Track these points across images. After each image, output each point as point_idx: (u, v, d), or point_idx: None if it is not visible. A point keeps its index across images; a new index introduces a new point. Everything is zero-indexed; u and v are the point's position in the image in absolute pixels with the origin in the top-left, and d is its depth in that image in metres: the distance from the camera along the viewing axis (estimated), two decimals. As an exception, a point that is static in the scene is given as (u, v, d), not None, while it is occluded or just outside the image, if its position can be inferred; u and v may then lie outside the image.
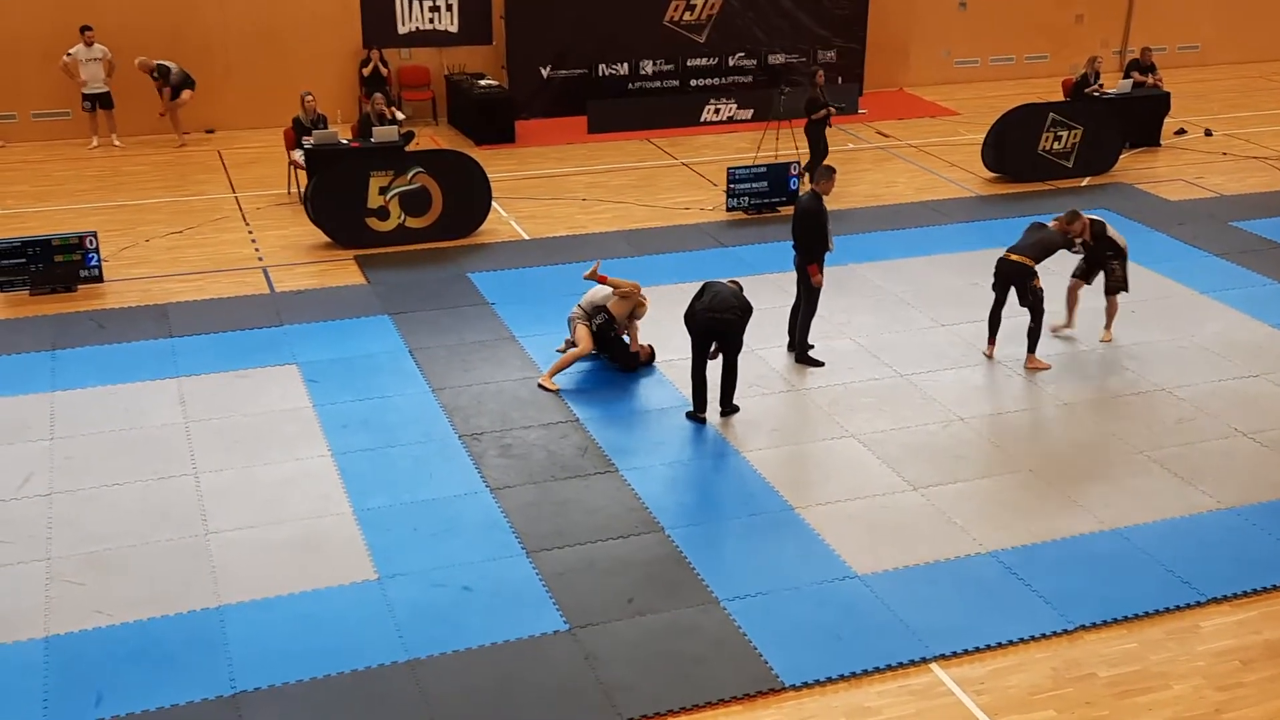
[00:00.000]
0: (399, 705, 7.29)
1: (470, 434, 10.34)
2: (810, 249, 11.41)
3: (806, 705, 7.34)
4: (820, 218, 11.34)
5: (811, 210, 11.36)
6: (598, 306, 11.43)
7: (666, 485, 9.68)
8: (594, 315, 11.40)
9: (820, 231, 11.36)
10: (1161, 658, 7.76)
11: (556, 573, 8.52)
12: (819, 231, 11.35)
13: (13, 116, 18.93)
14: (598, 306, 11.43)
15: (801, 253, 11.49)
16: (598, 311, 11.40)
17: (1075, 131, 17.26)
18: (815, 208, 11.36)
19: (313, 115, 16.20)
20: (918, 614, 8.10)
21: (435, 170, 14.79)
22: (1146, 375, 11.49)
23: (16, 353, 11.81)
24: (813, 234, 11.35)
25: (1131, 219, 15.64)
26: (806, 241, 11.40)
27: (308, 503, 9.35)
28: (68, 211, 15.85)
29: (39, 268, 13.13)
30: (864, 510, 9.32)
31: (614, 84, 20.97)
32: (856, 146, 19.25)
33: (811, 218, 11.34)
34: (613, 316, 11.35)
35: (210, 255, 14.48)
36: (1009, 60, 23.69)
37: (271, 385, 11.19)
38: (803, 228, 11.39)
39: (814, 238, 11.37)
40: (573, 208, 16.26)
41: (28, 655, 7.67)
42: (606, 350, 11.49)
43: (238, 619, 8.02)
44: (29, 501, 9.33)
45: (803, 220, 11.38)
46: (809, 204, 11.39)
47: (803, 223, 11.38)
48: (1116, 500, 9.45)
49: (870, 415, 10.73)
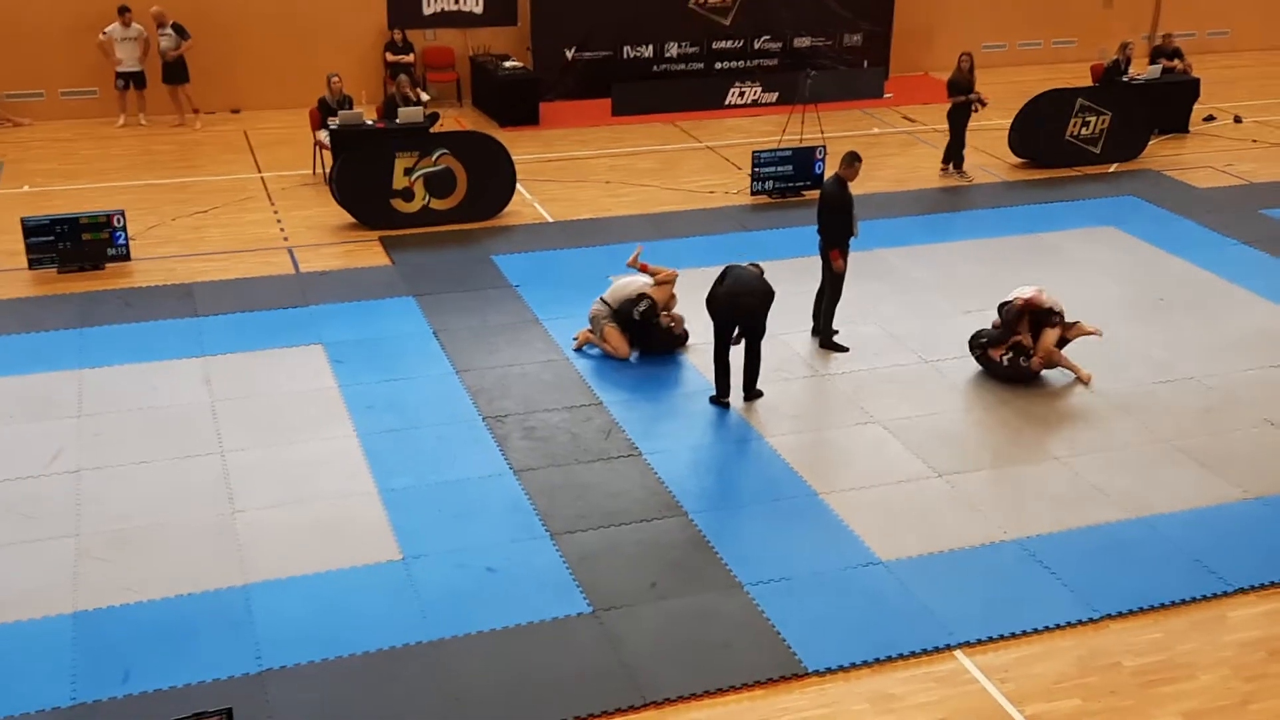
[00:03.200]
0: (423, 685, 7.32)
1: (494, 416, 10.36)
2: (833, 234, 11.38)
3: (829, 691, 7.34)
4: (844, 203, 11.30)
5: (835, 195, 11.34)
6: (637, 296, 11.30)
7: (690, 469, 9.68)
8: (635, 304, 11.23)
9: (844, 217, 11.32)
10: (1188, 648, 7.72)
11: (580, 555, 8.53)
12: (842, 217, 11.32)
13: (41, 95, 19.00)
14: (637, 296, 11.30)
15: (824, 238, 11.46)
16: (635, 302, 11.26)
17: (1103, 117, 17.14)
18: (839, 193, 11.33)
19: (338, 96, 16.22)
20: (942, 601, 8.08)
21: (460, 152, 14.79)
22: (1174, 364, 11.42)
23: (45, 330, 11.88)
24: (836, 219, 11.33)
25: (1160, 206, 15.55)
26: (830, 227, 11.37)
27: (333, 483, 9.38)
28: (95, 190, 15.92)
29: (67, 246, 13.20)
30: (888, 496, 9.30)
31: (639, 66, 20.91)
32: (882, 131, 19.17)
33: (835, 203, 11.32)
34: (655, 302, 11.30)
35: (236, 235, 14.52)
36: (1036, 45, 23.52)
37: (297, 365, 11.22)
38: (826, 213, 11.36)
39: (837, 223, 11.34)
40: (597, 191, 16.24)
41: (56, 631, 7.73)
42: (645, 341, 11.39)
43: (263, 597, 8.06)
44: (57, 478, 9.39)
45: (826, 205, 11.36)
46: (832, 189, 11.38)
47: (826, 208, 11.36)
48: (1143, 489, 9.40)
49: (895, 401, 10.69)
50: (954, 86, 16.36)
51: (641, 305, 11.24)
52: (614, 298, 11.43)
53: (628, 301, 11.33)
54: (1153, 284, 13.19)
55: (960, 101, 16.34)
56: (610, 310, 11.41)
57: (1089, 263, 13.79)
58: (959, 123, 16.55)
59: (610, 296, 11.46)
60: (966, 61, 16.46)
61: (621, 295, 11.41)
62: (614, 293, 11.47)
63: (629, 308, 11.29)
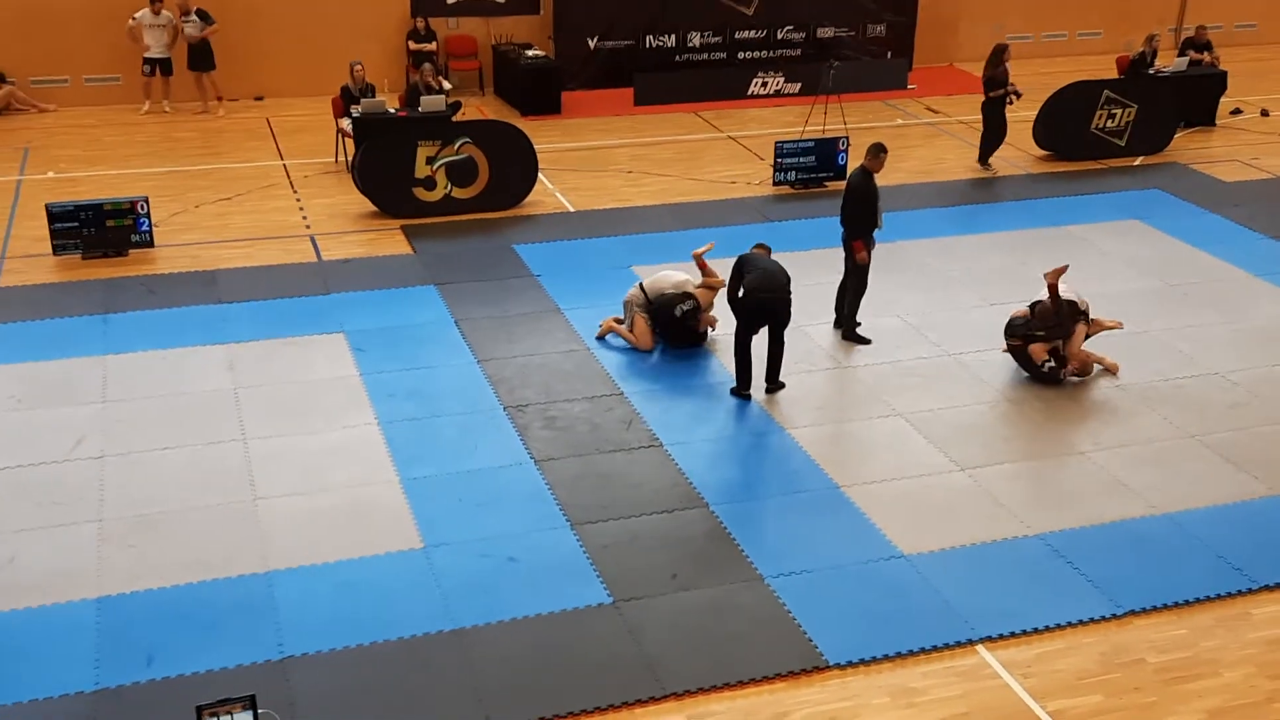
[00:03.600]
0: (443, 673, 7.33)
1: (515, 405, 10.36)
2: (857, 225, 11.34)
3: (850, 684, 7.32)
4: (869, 194, 11.27)
5: (860, 186, 11.29)
6: (682, 294, 11.27)
7: (711, 461, 9.66)
8: (679, 302, 11.20)
9: (868, 208, 11.29)
10: (1212, 645, 7.68)
11: (600, 546, 8.53)
12: (867, 208, 11.29)
13: (66, 81, 19.07)
14: (682, 294, 11.27)
15: (848, 229, 11.42)
16: (680, 299, 11.22)
17: (1129, 110, 17.02)
18: (864, 184, 11.29)
19: (361, 84, 16.23)
20: (964, 595, 8.05)
21: (482, 141, 14.78)
22: (1199, 359, 11.34)
23: (69, 316, 11.93)
24: (860, 211, 11.29)
25: (1185, 199, 15.44)
26: (853, 217, 11.33)
27: (354, 470, 9.40)
28: (119, 176, 15.96)
29: (91, 232, 13.24)
30: (910, 490, 9.27)
31: (661, 56, 20.86)
32: (905, 122, 19.08)
33: (860, 193, 11.27)
34: (700, 305, 11.29)
35: (259, 222, 14.55)
36: (1061, 36, 23.38)
37: (319, 353, 11.24)
38: (851, 203, 11.32)
39: (861, 214, 11.30)
40: (618, 180, 16.21)
41: (80, 615, 7.77)
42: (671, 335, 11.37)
43: (285, 584, 8.08)
44: (81, 464, 9.44)
45: (851, 196, 11.33)
46: (857, 180, 11.34)
47: (851, 198, 11.32)
48: (1167, 485, 9.34)
49: (917, 394, 10.65)
50: (995, 81, 16.16)
51: (686, 305, 11.23)
52: (651, 288, 11.40)
53: (667, 296, 11.28)
54: (1178, 278, 13.09)
55: (999, 95, 16.21)
56: (646, 300, 11.37)
57: (1114, 256, 13.70)
58: (1000, 116, 16.41)
59: (649, 286, 11.43)
60: (1008, 55, 16.33)
61: (660, 288, 11.37)
62: (653, 284, 11.43)
63: (669, 302, 11.25)
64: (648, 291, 11.39)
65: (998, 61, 16.20)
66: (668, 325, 11.32)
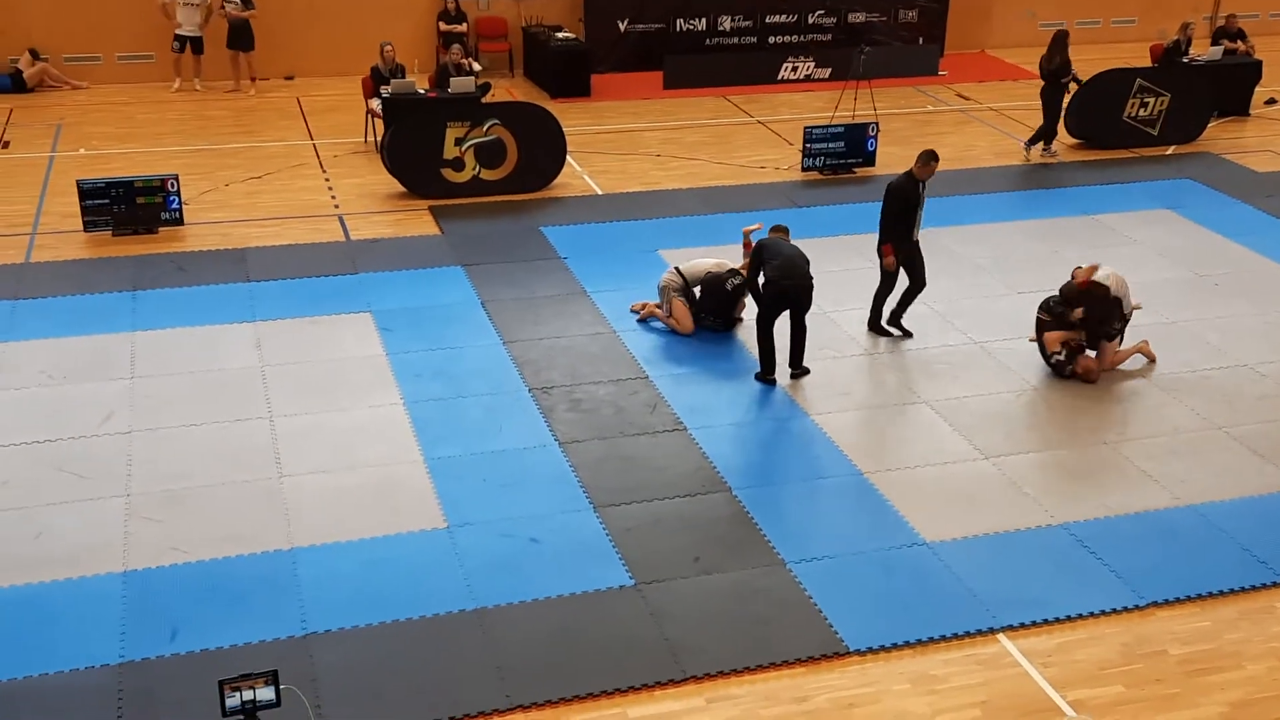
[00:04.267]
0: (465, 652, 7.37)
1: (540, 387, 10.38)
2: (890, 229, 10.97)
3: (871, 671, 7.32)
4: (907, 201, 10.84)
5: (901, 189, 10.88)
6: (728, 271, 11.25)
7: (735, 445, 9.66)
8: (729, 277, 11.20)
9: (904, 215, 10.88)
10: (1235, 637, 7.64)
11: (623, 528, 8.55)
12: (903, 215, 10.88)
13: (98, 59, 19.19)
14: (728, 271, 11.25)
15: (880, 232, 11.08)
16: (727, 275, 11.21)
17: (1162, 99, 16.87)
18: (904, 190, 10.88)
19: (391, 65, 16.27)
20: (986, 584, 8.03)
21: (511, 122, 14.79)
22: (1228, 350, 11.25)
23: (99, 292, 12.02)
24: (895, 215, 10.91)
25: (1217, 189, 15.31)
26: (888, 221, 10.97)
27: (380, 449, 9.45)
28: (150, 154, 16.06)
29: (122, 209, 13.34)
30: (934, 477, 9.25)
31: (691, 39, 20.80)
32: (936, 109, 18.97)
33: (897, 200, 10.87)
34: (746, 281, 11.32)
35: (288, 201, 14.61)
36: (1095, 24, 23.17)
37: (346, 332, 11.30)
38: (888, 208, 10.93)
39: (897, 218, 10.92)
40: (647, 164, 16.19)
41: (106, 588, 7.84)
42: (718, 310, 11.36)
43: (309, 561, 8.14)
44: (110, 439, 9.52)
45: (892, 198, 10.90)
46: (901, 183, 10.92)
47: (893, 200, 10.90)
48: (1194, 476, 9.29)
49: (944, 382, 10.62)
50: (1063, 69, 16.00)
51: (736, 280, 11.24)
52: (690, 272, 11.41)
53: (715, 274, 11.28)
54: (1209, 268, 12.99)
55: (1065, 80, 16.09)
56: (683, 284, 11.38)
57: (1144, 245, 13.60)
58: (1059, 102, 16.29)
59: (688, 271, 11.43)
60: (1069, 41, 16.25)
61: (698, 271, 11.38)
62: (690, 268, 11.44)
63: (718, 279, 11.25)
64: (686, 275, 11.39)
65: (1062, 48, 16.08)
66: (720, 301, 11.30)
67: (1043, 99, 16.37)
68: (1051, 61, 16.07)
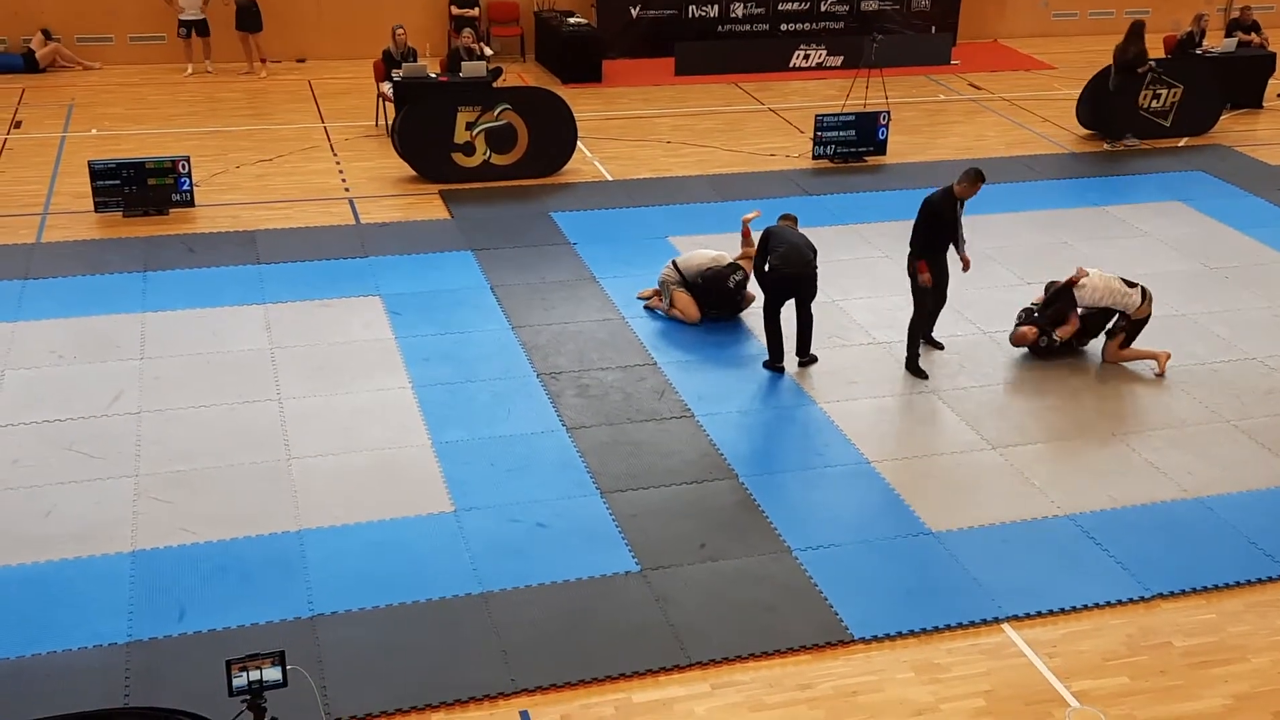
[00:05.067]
0: (471, 635, 7.40)
1: (548, 372, 10.40)
2: (926, 245, 10.38)
3: (875, 659, 7.34)
4: (940, 218, 10.31)
5: (938, 207, 10.31)
6: (729, 265, 11.24)
7: (742, 432, 9.67)
8: (730, 273, 11.19)
9: (943, 232, 10.35)
10: (1240, 630, 7.64)
11: (629, 514, 8.57)
12: (940, 232, 10.36)
13: (110, 39, 19.21)
14: (729, 265, 11.24)
15: (914, 248, 10.48)
16: (729, 271, 11.19)
17: (1175, 90, 16.81)
18: (939, 207, 10.32)
19: (403, 48, 16.26)
20: (991, 573, 8.04)
21: (522, 108, 14.78)
22: (1237, 343, 11.24)
23: (109, 273, 12.05)
24: (931, 231, 10.35)
25: (1229, 181, 15.26)
26: (923, 236, 10.38)
27: (387, 432, 9.48)
28: (161, 135, 16.08)
29: (133, 190, 13.37)
30: (941, 467, 9.25)
31: (703, 26, 20.77)
32: (947, 98, 18.92)
33: (934, 216, 10.32)
34: (748, 275, 11.30)
35: (298, 184, 14.63)
36: (1109, 14, 23.07)
37: (355, 315, 11.32)
38: (924, 223, 10.38)
39: (931, 235, 10.36)
40: (657, 150, 16.18)
41: (115, 567, 7.88)
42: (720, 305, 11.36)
43: (316, 543, 8.17)
44: (118, 419, 9.56)
45: (931, 213, 10.34)
46: (940, 199, 10.34)
47: (931, 215, 10.34)
48: (1201, 468, 9.29)
49: (951, 371, 10.62)
50: (1139, 59, 16.00)
51: (738, 275, 11.22)
52: (686, 266, 11.39)
53: (715, 269, 11.25)
54: (1219, 260, 12.96)
55: (1143, 70, 16.10)
56: (681, 278, 11.38)
57: (1154, 237, 13.57)
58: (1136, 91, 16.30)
59: (683, 265, 11.42)
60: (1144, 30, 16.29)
61: (695, 265, 11.36)
62: (687, 261, 11.42)
63: (720, 275, 11.22)
64: (683, 270, 11.39)
65: (1138, 38, 16.10)
66: (721, 297, 11.30)
67: (1114, 89, 16.35)
68: (1126, 52, 16.11)
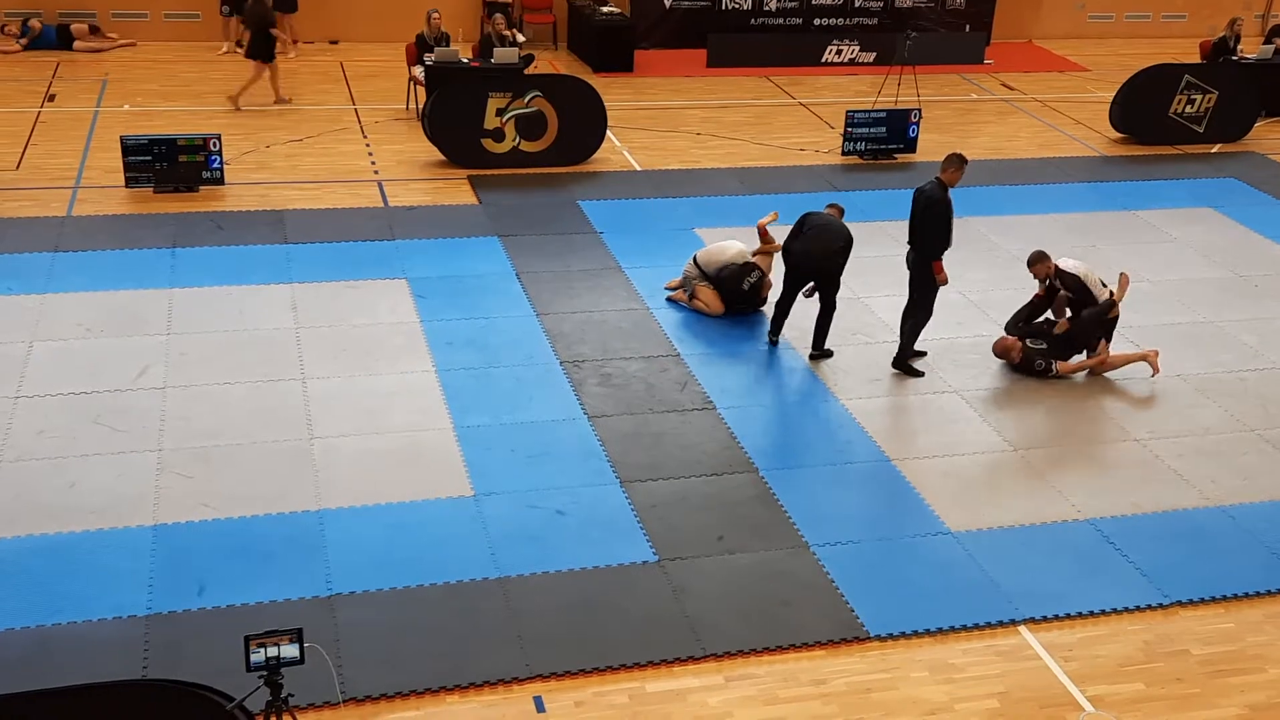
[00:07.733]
0: (488, 619, 7.43)
1: (571, 360, 10.41)
2: (932, 244, 10.13)
3: (890, 657, 7.34)
4: (946, 210, 10.07)
5: (938, 200, 10.03)
6: (744, 265, 11.22)
7: (763, 426, 9.67)
8: (745, 274, 11.18)
9: (944, 226, 10.11)
10: (1259, 640, 7.60)
11: (648, 504, 8.58)
12: (943, 225, 10.10)
13: (145, 15, 19.28)
14: (744, 265, 11.22)
15: (920, 248, 10.20)
16: (746, 271, 11.18)
17: (1209, 96, 16.69)
18: (942, 198, 10.06)
19: (436, 33, 16.28)
20: (1010, 575, 8.02)
21: (553, 95, 14.78)
22: (1264, 352, 11.16)
23: (138, 248, 12.12)
24: (937, 227, 10.08)
25: (1260, 189, 15.15)
26: (929, 236, 10.11)
27: (410, 415, 9.51)
28: (193, 113, 16.14)
29: (164, 166, 13.43)
30: (961, 466, 9.23)
31: (736, 18, 20.72)
32: (980, 97, 18.83)
33: (937, 209, 10.04)
34: (764, 275, 11.32)
35: (328, 165, 14.67)
36: (1145, 17, 22.93)
37: (381, 298, 11.35)
38: (926, 220, 10.08)
39: (937, 232, 10.11)
40: (687, 141, 16.16)
41: (136, 541, 7.94)
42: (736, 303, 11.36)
43: (336, 523, 8.21)
44: (144, 393, 9.62)
45: (926, 211, 10.04)
46: (936, 193, 10.04)
47: (926, 214, 10.05)
48: (1224, 477, 9.24)
49: (975, 372, 10.58)
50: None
51: (753, 277, 11.22)
52: (707, 262, 11.38)
53: (731, 270, 11.24)
54: (1249, 269, 12.87)
55: None
56: (701, 273, 11.38)
57: (1184, 244, 13.49)
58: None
59: (704, 261, 11.41)
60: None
61: (716, 261, 11.34)
62: (707, 257, 11.41)
63: (736, 275, 11.21)
64: (702, 265, 11.38)
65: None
66: (735, 297, 11.30)
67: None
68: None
